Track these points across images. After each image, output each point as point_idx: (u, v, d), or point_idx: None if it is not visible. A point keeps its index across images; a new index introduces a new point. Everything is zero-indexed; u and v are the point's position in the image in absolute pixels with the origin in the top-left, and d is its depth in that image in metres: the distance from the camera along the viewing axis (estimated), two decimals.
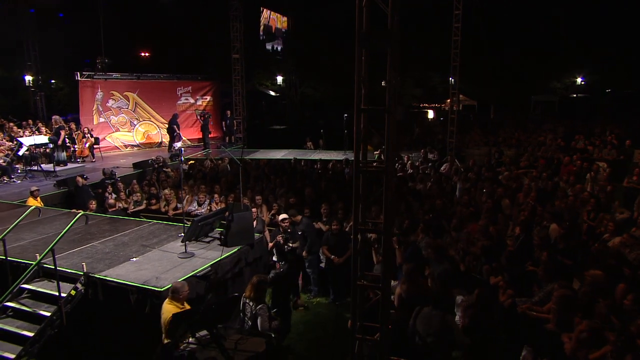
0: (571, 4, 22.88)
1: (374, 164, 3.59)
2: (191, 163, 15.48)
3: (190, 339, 4.70)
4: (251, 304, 5.38)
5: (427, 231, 7.62)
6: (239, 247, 6.91)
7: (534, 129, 19.29)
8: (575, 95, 27.76)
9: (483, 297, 5.44)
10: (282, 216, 7.80)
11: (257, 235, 7.49)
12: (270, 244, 7.70)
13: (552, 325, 4.98)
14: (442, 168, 12.39)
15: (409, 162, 13.31)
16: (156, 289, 5.50)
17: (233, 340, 4.69)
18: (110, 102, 18.14)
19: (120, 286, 5.66)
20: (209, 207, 9.77)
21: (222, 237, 7.16)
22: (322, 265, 8.05)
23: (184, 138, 20.28)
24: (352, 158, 12.23)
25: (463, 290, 6.44)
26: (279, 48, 30.62)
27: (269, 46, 29.87)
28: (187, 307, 5.26)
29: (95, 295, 5.80)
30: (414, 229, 7.63)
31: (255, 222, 8.12)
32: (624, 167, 14.02)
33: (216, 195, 9.94)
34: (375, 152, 16.18)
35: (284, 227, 7.59)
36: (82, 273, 5.84)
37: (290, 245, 7.57)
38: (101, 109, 17.86)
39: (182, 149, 17.63)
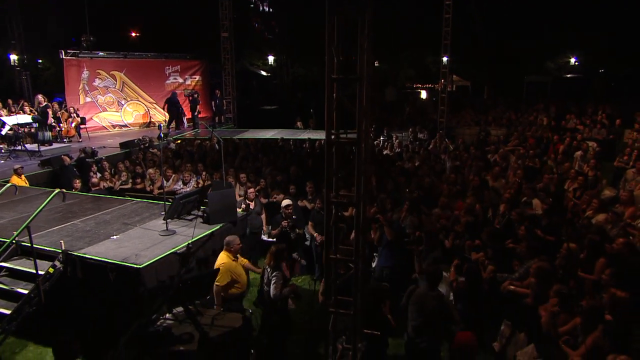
0: None
1: (347, 135, 3.48)
2: (179, 142, 15.35)
3: (167, 315, 4.66)
4: (269, 270, 5.42)
5: (412, 209, 7.60)
6: (221, 225, 6.85)
7: (525, 109, 19.21)
8: (568, 76, 27.59)
9: (467, 273, 5.46)
10: (286, 202, 7.70)
11: (240, 212, 7.44)
12: (274, 231, 7.63)
13: (530, 300, 4.99)
14: (430, 147, 12.31)
15: (397, 140, 13.20)
16: (135, 266, 5.44)
17: (210, 316, 4.65)
18: (97, 82, 17.77)
19: (99, 264, 5.59)
20: (195, 186, 9.66)
21: (205, 214, 7.11)
22: (307, 243, 8.02)
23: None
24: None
25: (448, 266, 6.47)
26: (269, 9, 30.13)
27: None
28: (244, 260, 5.88)
29: (74, 273, 5.73)
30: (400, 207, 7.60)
31: (253, 204, 8.04)
32: (614, 147, 14.06)
33: (203, 174, 9.82)
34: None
35: (288, 213, 7.51)
36: (60, 251, 5.76)
37: (297, 231, 7.57)
38: (87, 89, 17.51)
39: (171, 128, 17.61)
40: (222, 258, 5.64)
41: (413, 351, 4.74)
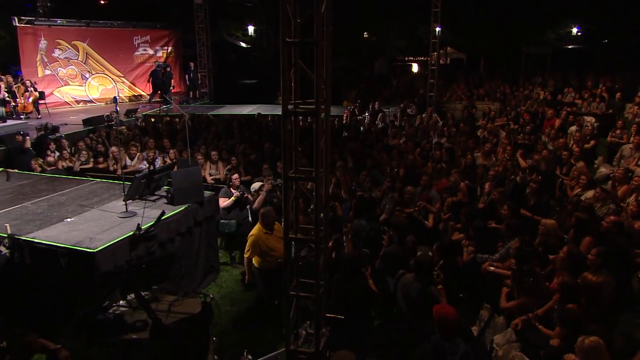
0: None
1: (305, 106, 3.41)
2: (149, 119, 15.13)
3: (121, 302, 4.62)
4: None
5: (393, 187, 7.61)
6: (186, 206, 6.78)
7: (522, 83, 19.18)
8: (569, 47, 27.54)
9: (442, 255, 5.49)
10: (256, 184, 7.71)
11: (207, 193, 7.37)
12: (227, 202, 7.55)
13: (510, 282, 5.05)
14: (417, 122, 12.29)
15: (380, 114, 13.14)
16: (88, 250, 5.36)
17: (167, 302, 4.62)
18: (57, 52, 17.32)
19: (49, 248, 5.50)
20: (161, 165, 9.54)
21: (169, 195, 7.02)
22: None
23: (143, 93, 19.76)
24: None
25: (427, 247, 6.51)
26: None
27: None
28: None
29: (22, 259, 5.64)
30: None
31: (237, 192, 7.65)
32: (614, 122, 14.09)
33: (171, 152, 9.70)
34: (350, 106, 16.00)
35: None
36: (5, 235, 5.65)
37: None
38: (46, 60, 17.04)
39: (141, 105, 17.33)
40: (253, 230, 6.03)
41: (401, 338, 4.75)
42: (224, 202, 7.56)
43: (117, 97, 7.00)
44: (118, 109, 6.50)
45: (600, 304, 4.24)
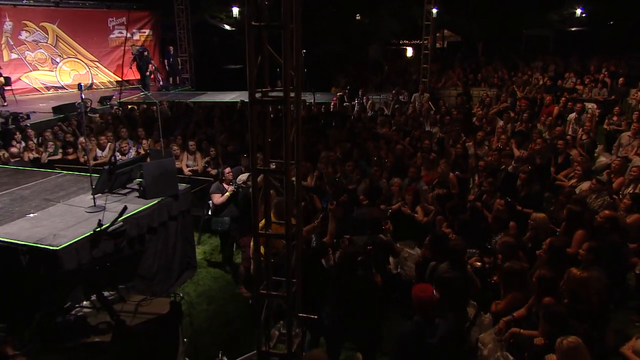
0: None
1: (273, 94, 3.39)
2: (125, 106, 15.01)
3: (84, 302, 4.60)
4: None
5: (379, 178, 7.63)
6: (159, 199, 6.75)
7: (522, 67, 19.20)
8: (573, 29, 27.55)
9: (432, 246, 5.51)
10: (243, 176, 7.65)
11: (182, 185, 7.34)
12: (221, 199, 7.50)
13: (496, 278, 5.09)
14: (410, 110, 12.28)
15: (369, 102, 13.12)
16: (51, 248, 5.32)
17: (134, 302, 4.61)
18: (24, 35, 17.05)
19: (8, 246, 5.45)
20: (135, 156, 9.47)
21: (141, 188, 6.98)
22: None
23: (119, 78, 19.54)
24: (310, 100, 11.95)
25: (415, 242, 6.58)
26: None
27: None
28: None
29: None
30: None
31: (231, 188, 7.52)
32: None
33: (144, 142, 9.62)
34: (339, 93, 15.96)
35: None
36: None
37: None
38: (12, 43, 16.77)
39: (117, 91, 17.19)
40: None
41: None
42: (218, 199, 7.38)
43: (83, 85, 6.89)
44: (83, 96, 6.42)
45: (586, 300, 4.28)
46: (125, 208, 4.82)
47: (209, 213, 8.67)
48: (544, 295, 4.22)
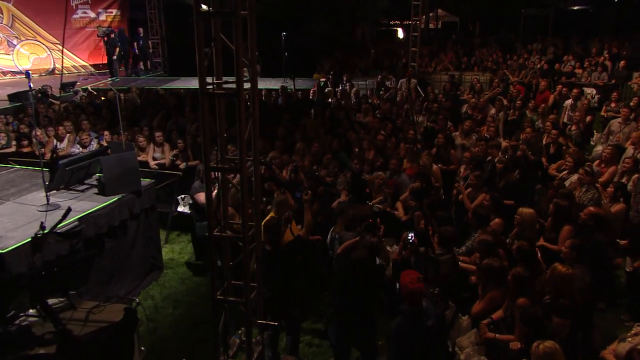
0: None
1: (227, 85, 3.36)
2: (91, 94, 14.86)
3: (30, 310, 4.56)
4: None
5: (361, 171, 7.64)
6: (120, 196, 6.70)
7: (519, 50, 19.23)
8: (575, 8, 27.59)
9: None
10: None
11: (146, 181, 7.29)
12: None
13: (475, 278, 5.13)
14: (398, 98, 12.29)
15: (354, 89, 13.09)
16: None
17: (85, 309, 4.57)
18: None
19: None
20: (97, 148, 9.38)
21: (100, 184, 6.92)
22: None
23: (84, 63, 19.37)
24: (291, 86, 11.86)
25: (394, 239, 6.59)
26: None
27: None
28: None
29: None
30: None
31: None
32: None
33: (106, 134, 9.52)
34: (322, 79, 15.91)
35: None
36: None
37: None
38: None
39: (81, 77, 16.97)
40: (267, 218, 5.86)
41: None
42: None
43: (30, 72, 6.76)
44: (32, 85, 6.31)
45: (570, 296, 4.34)
46: (69, 210, 4.76)
47: (178, 210, 8.67)
48: (518, 295, 4.27)
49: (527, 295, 4.25)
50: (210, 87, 3.38)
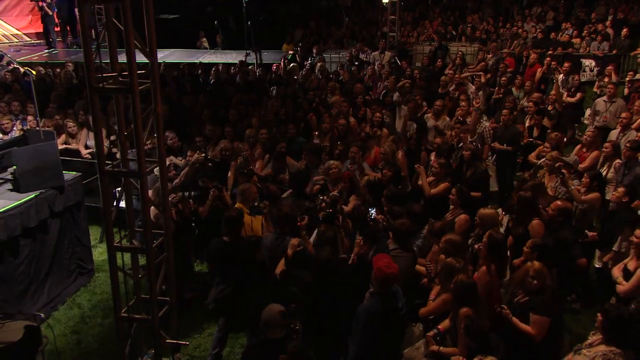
0: None
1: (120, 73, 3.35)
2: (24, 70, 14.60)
3: None
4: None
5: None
6: (37, 193, 6.65)
7: (515, 15, 19.18)
8: None
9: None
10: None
11: (70, 174, 7.25)
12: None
13: (427, 281, 5.25)
14: (368, 74, 12.28)
15: (319, 64, 13.01)
16: None
17: None
18: None
19: None
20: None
21: (14, 178, 6.86)
22: None
23: (18, 32, 19.03)
24: (254, 60, 11.75)
25: None
26: None
27: None
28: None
29: None
30: None
31: None
32: (618, 66, 14.21)
33: (29, 118, 9.41)
34: (290, 51, 15.81)
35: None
36: None
37: None
38: None
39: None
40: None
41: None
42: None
43: None
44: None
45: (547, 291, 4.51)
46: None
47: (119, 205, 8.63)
48: (462, 304, 4.38)
49: (471, 305, 4.36)
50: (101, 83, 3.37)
